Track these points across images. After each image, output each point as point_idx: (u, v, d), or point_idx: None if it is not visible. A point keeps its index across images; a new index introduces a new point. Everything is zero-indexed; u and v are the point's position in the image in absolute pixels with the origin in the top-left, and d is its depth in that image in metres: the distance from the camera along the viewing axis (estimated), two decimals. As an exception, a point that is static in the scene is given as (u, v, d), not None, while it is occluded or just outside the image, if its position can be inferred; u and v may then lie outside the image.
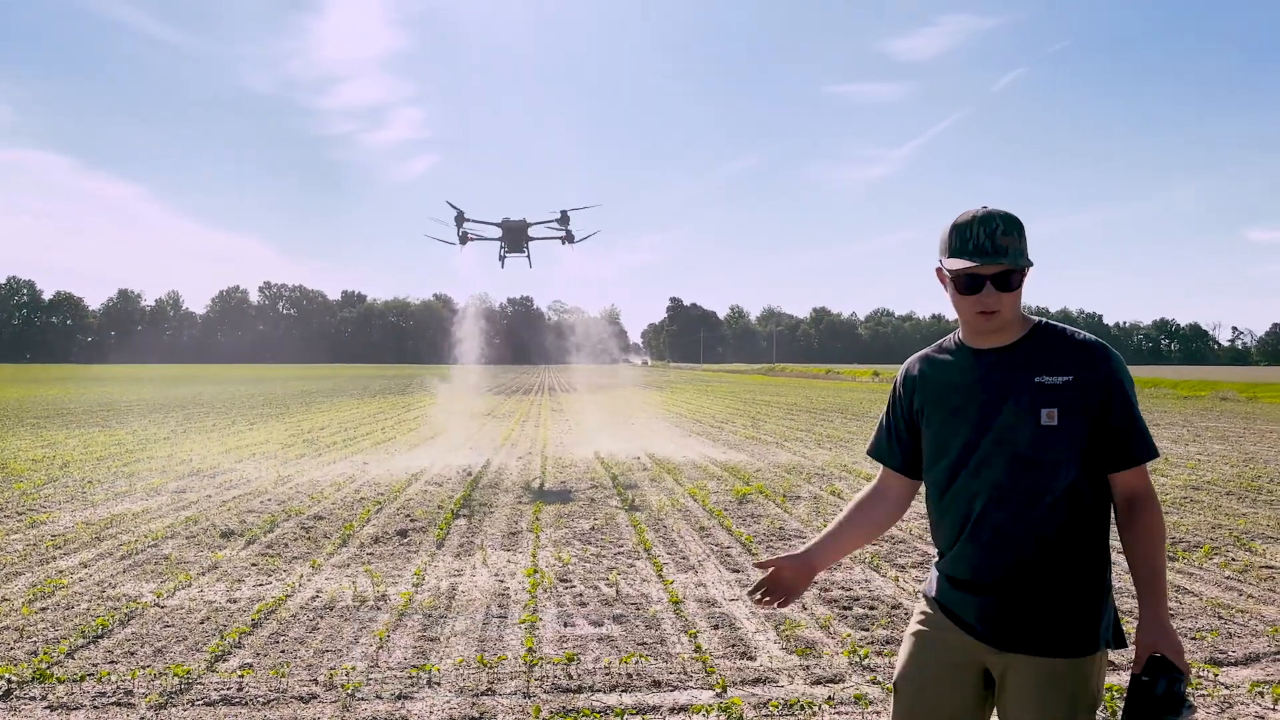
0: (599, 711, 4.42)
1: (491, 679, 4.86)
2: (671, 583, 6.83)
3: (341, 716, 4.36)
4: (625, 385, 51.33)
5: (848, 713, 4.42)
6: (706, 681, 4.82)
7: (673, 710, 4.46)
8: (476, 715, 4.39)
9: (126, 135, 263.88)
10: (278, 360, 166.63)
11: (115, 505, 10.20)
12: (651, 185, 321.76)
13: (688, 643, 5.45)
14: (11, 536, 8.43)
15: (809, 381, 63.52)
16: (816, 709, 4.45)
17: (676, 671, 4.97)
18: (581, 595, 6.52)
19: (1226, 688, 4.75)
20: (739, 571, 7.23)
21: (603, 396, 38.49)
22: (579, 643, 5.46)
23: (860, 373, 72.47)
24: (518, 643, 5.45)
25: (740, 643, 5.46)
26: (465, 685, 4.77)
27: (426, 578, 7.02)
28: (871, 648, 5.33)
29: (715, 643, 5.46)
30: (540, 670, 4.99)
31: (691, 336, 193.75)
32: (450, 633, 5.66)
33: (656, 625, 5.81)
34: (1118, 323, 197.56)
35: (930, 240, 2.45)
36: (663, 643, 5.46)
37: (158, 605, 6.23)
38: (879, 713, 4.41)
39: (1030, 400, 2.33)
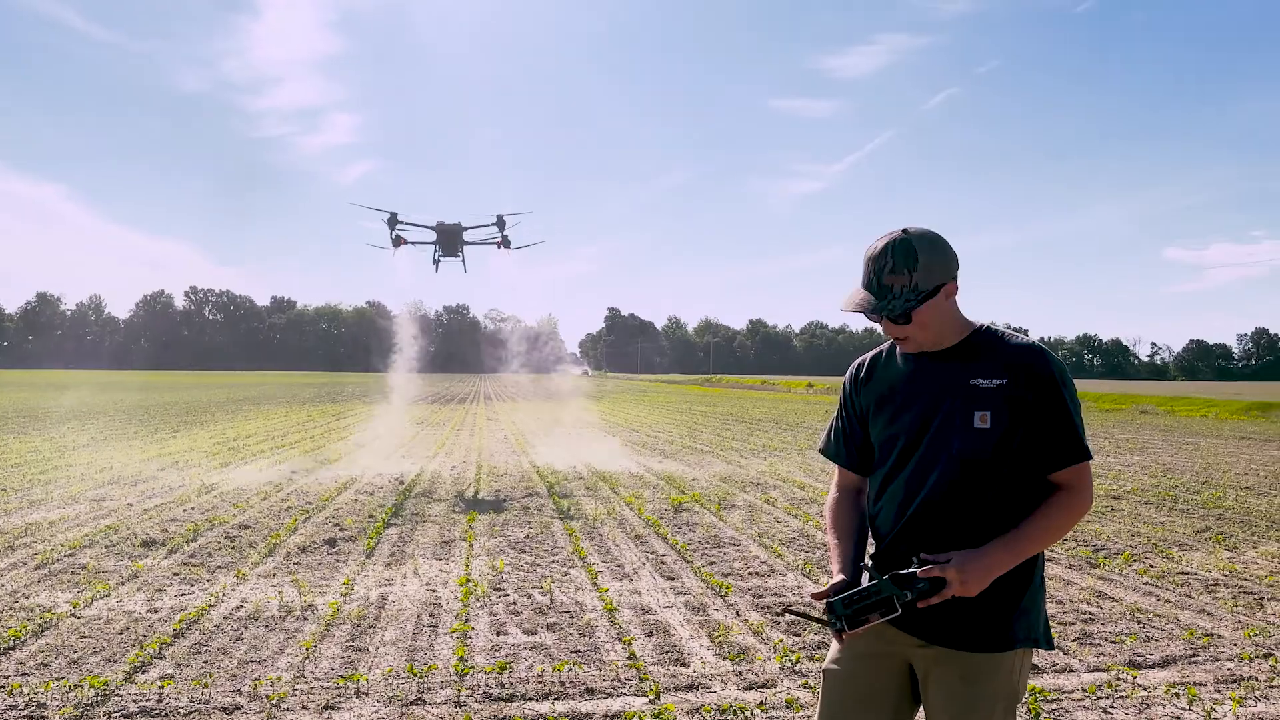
0: (530, 719, 4.37)
1: (421, 688, 4.79)
2: (606, 590, 6.81)
3: (266, 728, 4.26)
4: (562, 395, 51.15)
5: (779, 717, 4.44)
6: (640, 688, 4.81)
7: (605, 717, 4.44)
8: (406, 725, 4.32)
9: (48, 134, 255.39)
10: (204, 367, 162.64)
11: (30, 514, 9.84)
12: (591, 195, 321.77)
13: (621, 650, 5.43)
14: (-83, 546, 8.07)
15: (745, 392, 64.01)
16: (749, 714, 4.46)
17: (610, 679, 4.95)
18: (515, 604, 6.47)
19: (1144, 689, 4.88)
20: (674, 579, 7.24)
21: (539, 406, 38.31)
22: (512, 651, 5.40)
23: (795, 384, 73.23)
24: (449, 652, 5.38)
25: (674, 649, 5.46)
26: (394, 695, 4.68)
27: (356, 587, 6.90)
28: (803, 653, 5.38)
29: (649, 650, 5.45)
30: (472, 679, 4.93)
31: (629, 346, 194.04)
32: (379, 643, 5.57)
33: (590, 633, 5.78)
34: (1043, 337, 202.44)
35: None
36: (596, 650, 5.44)
37: (74, 616, 6.02)
38: (809, 717, 4.45)
39: (964, 403, 2.41)
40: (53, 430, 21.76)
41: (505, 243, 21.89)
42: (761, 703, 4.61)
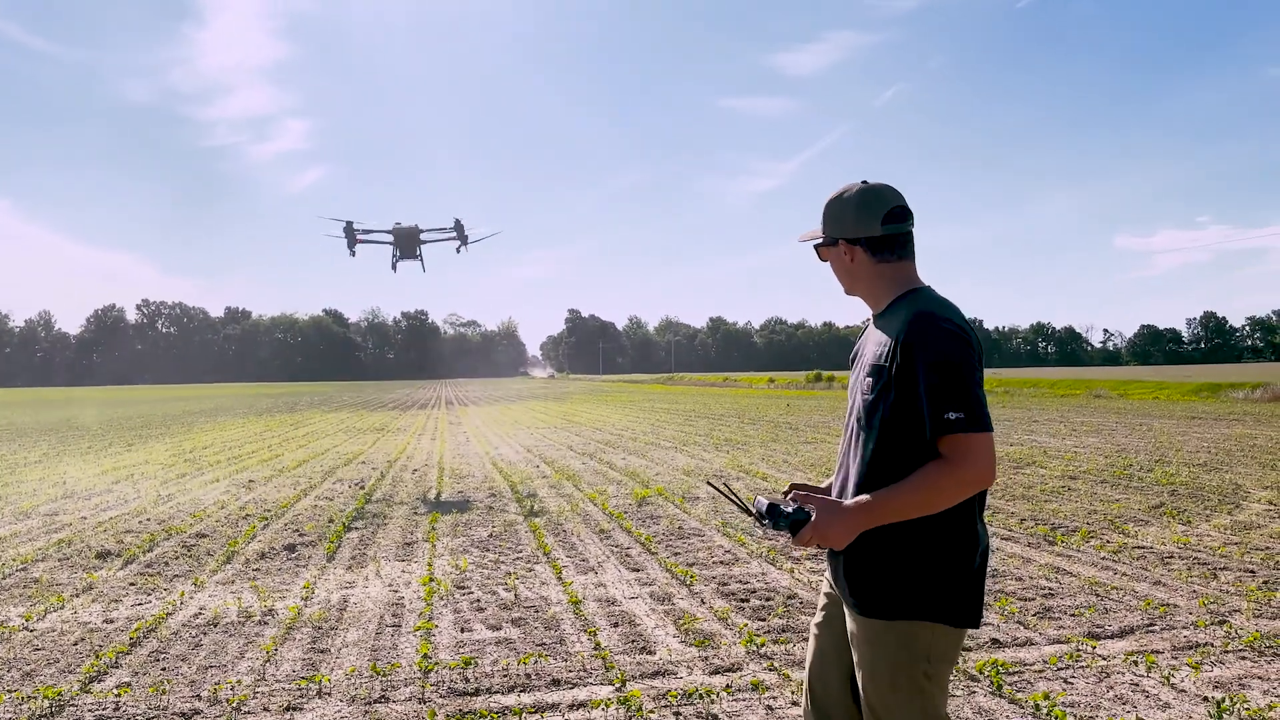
0: (497, 712, 4.34)
1: (385, 687, 4.73)
2: (571, 584, 6.78)
3: (226, 731, 4.18)
4: (524, 397, 50.96)
5: (745, 699, 4.45)
6: (606, 677, 4.79)
7: (572, 707, 4.42)
8: (370, 722, 4.27)
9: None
10: (158, 381, 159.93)
11: (-22, 530, 9.60)
12: (546, 198, 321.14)
13: (587, 641, 5.41)
14: None
15: (707, 389, 64.20)
16: (715, 697, 4.47)
17: (576, 669, 4.93)
18: (479, 601, 6.42)
19: (1104, 659, 4.96)
20: (639, 571, 7.23)
21: (501, 409, 38.16)
22: (476, 647, 5.36)
23: (757, 379, 73.59)
24: (412, 650, 5.32)
25: (640, 639, 5.45)
26: (357, 694, 4.63)
27: (316, 591, 6.81)
28: (768, 636, 5.39)
29: (615, 640, 5.43)
30: (436, 675, 4.88)
31: (590, 348, 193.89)
32: (341, 644, 5.50)
33: (556, 626, 5.76)
34: (997, 327, 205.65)
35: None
36: (562, 643, 5.41)
37: (27, 629, 5.88)
38: (775, 697, 4.46)
39: (864, 372, 2.50)
40: (2, 448, 21.27)
41: (463, 239, 21.86)
42: (728, 686, 4.62)
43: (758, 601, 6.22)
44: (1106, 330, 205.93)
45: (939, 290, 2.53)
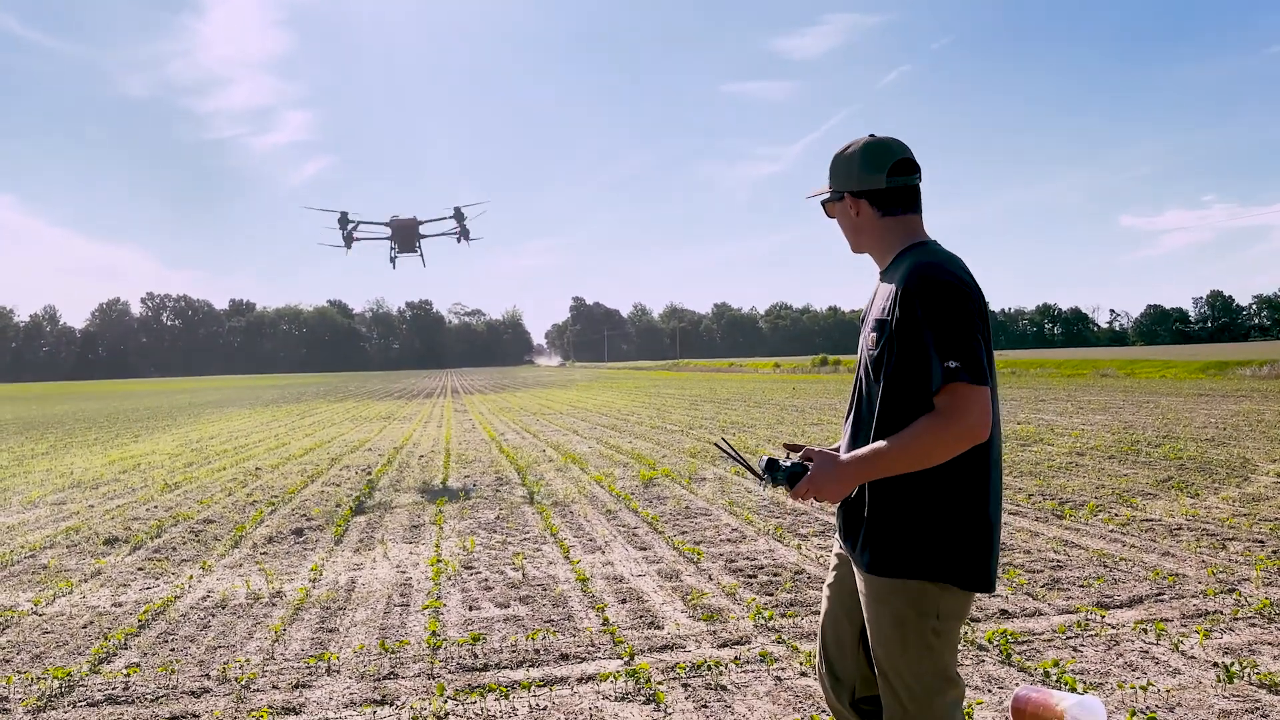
0: (506, 686, 4.34)
1: (394, 663, 4.74)
2: (578, 563, 6.78)
3: (236, 708, 4.18)
4: (529, 385, 51.01)
5: (754, 670, 4.45)
6: (614, 651, 4.79)
7: (581, 680, 4.42)
8: (379, 698, 4.27)
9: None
10: (163, 374, 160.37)
11: (-13, 520, 9.63)
12: (549, 185, 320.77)
13: (595, 617, 5.41)
14: None
15: (713, 375, 64.18)
16: (724, 669, 4.46)
17: (584, 644, 4.92)
18: (487, 580, 6.42)
19: (1113, 628, 4.94)
20: (646, 549, 7.23)
21: (507, 396, 38.21)
22: (485, 624, 5.36)
23: (762, 364, 73.54)
24: (421, 628, 5.33)
25: (648, 614, 5.45)
26: (366, 671, 4.63)
27: (324, 573, 6.82)
28: (776, 610, 5.39)
29: (623, 616, 5.43)
30: (445, 651, 4.88)
31: (595, 335, 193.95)
32: (350, 623, 5.50)
33: (564, 603, 5.76)
34: (1004, 309, 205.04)
35: (824, 235, 2.72)
36: (570, 619, 5.41)
37: (36, 613, 5.90)
38: (784, 669, 4.45)
39: (870, 327, 2.48)
40: (9, 441, 21.34)
41: (465, 234, 21.43)
42: (736, 658, 4.61)
43: (765, 577, 6.22)
44: (1113, 311, 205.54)
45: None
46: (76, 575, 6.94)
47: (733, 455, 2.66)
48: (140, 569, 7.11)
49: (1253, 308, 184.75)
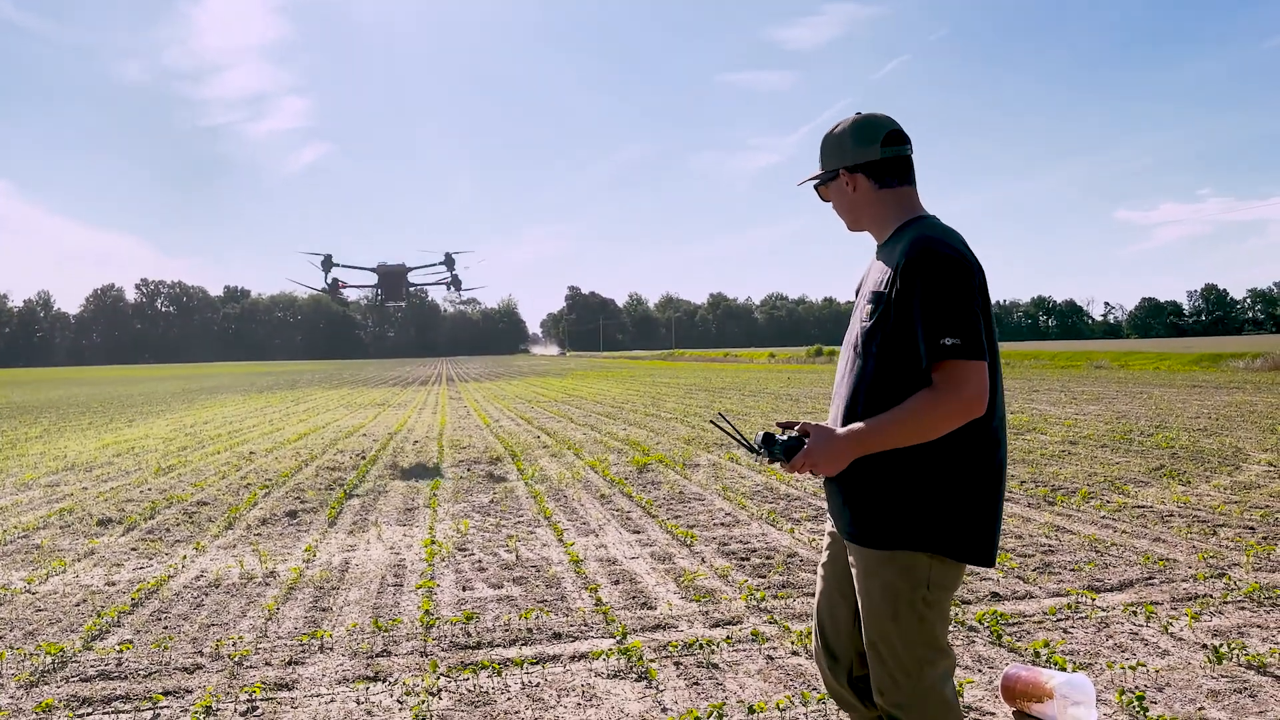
0: (499, 663, 4.36)
1: (387, 641, 4.75)
2: (572, 545, 6.80)
3: (229, 684, 4.19)
4: (525, 374, 51.01)
5: (745, 649, 4.47)
6: (607, 630, 4.81)
7: (574, 658, 4.43)
8: (372, 675, 4.28)
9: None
10: (157, 360, 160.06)
11: (-20, 501, 9.62)
12: (544, 174, 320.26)
13: (588, 598, 5.43)
14: None
15: (708, 365, 64.20)
16: (715, 647, 4.48)
17: (577, 624, 4.94)
18: (480, 561, 6.43)
19: (1103, 610, 4.97)
20: (640, 533, 7.25)
21: (502, 384, 38.21)
22: (478, 604, 5.38)
23: (757, 355, 73.59)
24: (414, 607, 5.34)
25: (641, 595, 5.46)
26: (359, 649, 4.64)
27: (318, 554, 6.83)
28: (768, 592, 5.41)
29: (616, 596, 5.45)
30: (438, 630, 4.90)
31: (590, 325, 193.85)
32: (343, 603, 5.51)
33: (557, 584, 5.77)
34: (999, 301, 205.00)
35: (820, 226, 2.69)
36: (563, 599, 5.43)
37: (29, 592, 5.90)
38: (775, 648, 4.47)
39: (865, 299, 2.47)
40: (3, 424, 21.30)
41: (455, 283, 20.93)
42: (728, 637, 4.63)
43: (758, 560, 6.24)
44: (1107, 303, 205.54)
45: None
46: (70, 555, 6.94)
47: (730, 430, 2.67)
48: (134, 549, 7.11)
49: (1247, 301, 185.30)
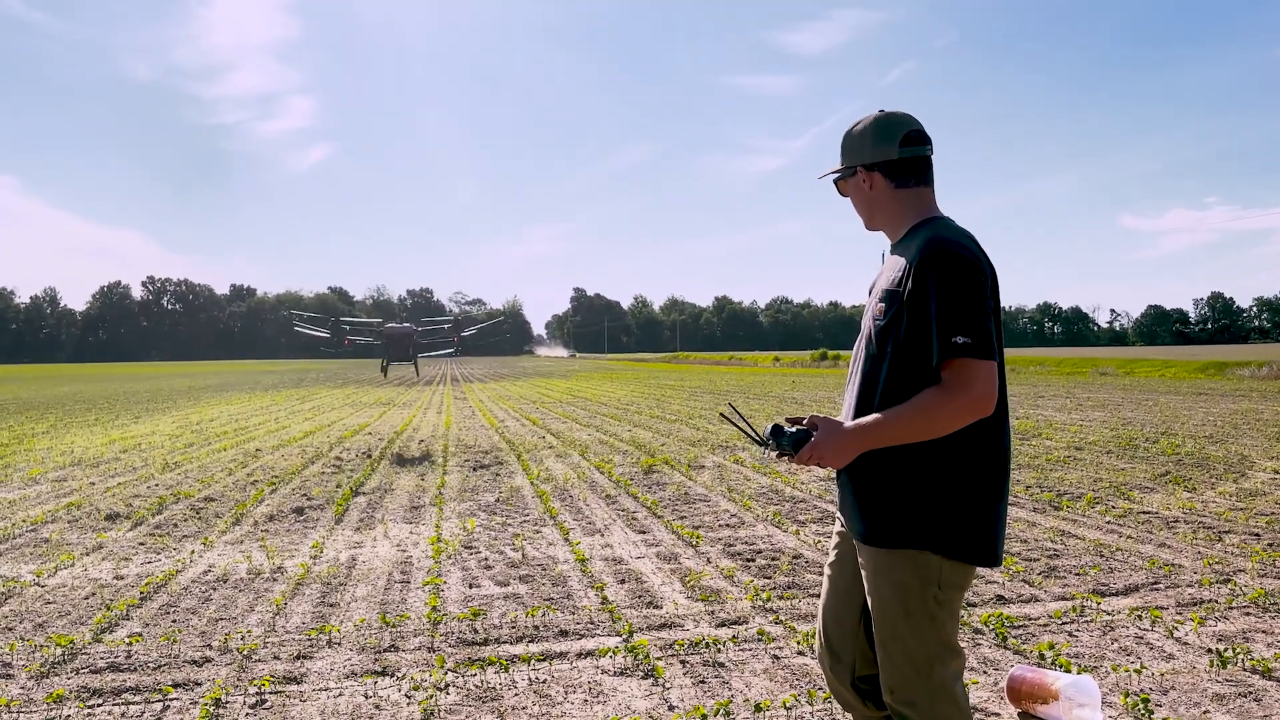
0: (505, 660, 4.38)
1: (394, 637, 4.77)
2: (578, 544, 6.82)
3: (238, 677, 4.22)
4: (530, 374, 51.04)
5: (751, 649, 4.48)
6: (613, 629, 4.83)
7: (580, 655, 4.45)
8: (379, 669, 4.31)
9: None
10: (163, 357, 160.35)
11: (-11, 494, 9.66)
12: (550, 175, 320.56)
13: (594, 596, 5.45)
14: (-127, 527, 7.91)
15: (713, 368, 64.19)
16: (721, 646, 4.50)
17: (584, 622, 4.96)
18: (487, 560, 6.46)
19: (1108, 614, 4.98)
20: (645, 533, 7.27)
21: (507, 385, 38.25)
22: (485, 601, 5.40)
23: (762, 358, 73.60)
24: (421, 604, 5.37)
25: (647, 594, 5.48)
26: (367, 644, 4.67)
27: (325, 550, 6.86)
28: (774, 592, 5.43)
29: (622, 595, 5.47)
30: (445, 626, 4.92)
31: (595, 326, 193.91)
32: (350, 599, 5.54)
33: (563, 583, 5.79)
34: (1004, 307, 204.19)
35: (825, 230, 2.71)
36: (569, 597, 5.45)
37: (38, 585, 5.94)
38: (781, 648, 4.49)
39: (878, 297, 2.48)
40: (9, 420, 21.38)
41: (458, 350, 20.97)
42: (734, 636, 4.65)
43: (764, 561, 6.26)
44: (1113, 310, 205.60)
45: None
46: (78, 549, 6.98)
47: (739, 422, 2.69)
48: (141, 544, 7.15)
49: (1253, 310, 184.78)
